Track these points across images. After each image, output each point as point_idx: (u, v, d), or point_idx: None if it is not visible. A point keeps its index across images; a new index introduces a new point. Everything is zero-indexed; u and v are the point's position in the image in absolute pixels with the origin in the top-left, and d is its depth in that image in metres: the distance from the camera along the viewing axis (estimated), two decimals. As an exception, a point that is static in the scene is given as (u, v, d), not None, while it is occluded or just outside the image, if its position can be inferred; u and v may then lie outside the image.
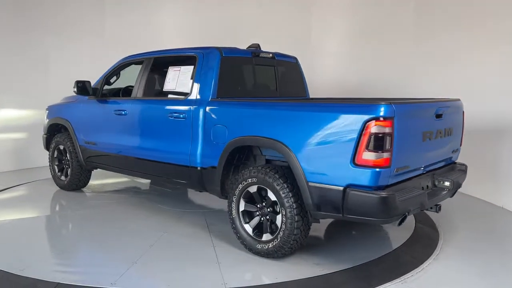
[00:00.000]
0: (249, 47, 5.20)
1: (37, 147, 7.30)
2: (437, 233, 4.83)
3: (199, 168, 4.55)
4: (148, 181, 7.14)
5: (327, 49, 8.13)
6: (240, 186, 4.14)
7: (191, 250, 4.31)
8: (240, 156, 4.38)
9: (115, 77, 5.91)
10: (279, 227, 3.89)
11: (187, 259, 4.09)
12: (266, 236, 4.04)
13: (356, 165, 3.39)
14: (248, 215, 4.21)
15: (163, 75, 5.12)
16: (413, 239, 4.63)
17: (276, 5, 8.10)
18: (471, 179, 4.77)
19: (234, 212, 4.23)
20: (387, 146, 3.32)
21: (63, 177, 6.50)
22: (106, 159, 5.73)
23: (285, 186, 3.82)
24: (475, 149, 5.76)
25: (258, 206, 4.12)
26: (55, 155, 6.55)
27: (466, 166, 4.59)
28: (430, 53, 6.92)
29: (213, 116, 4.40)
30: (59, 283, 3.52)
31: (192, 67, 4.74)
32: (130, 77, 6.01)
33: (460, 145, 4.58)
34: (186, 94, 4.71)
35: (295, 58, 5.60)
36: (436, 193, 4.03)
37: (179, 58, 5.06)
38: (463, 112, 4.57)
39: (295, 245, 3.90)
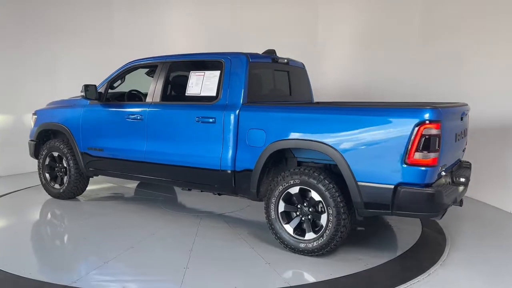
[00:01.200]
0: (264, 52, 5.33)
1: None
2: (444, 239, 4.81)
3: (230, 171, 4.63)
4: (136, 185, 7.07)
5: (334, 53, 8.27)
6: (281, 187, 4.29)
7: (233, 252, 4.37)
8: (274, 159, 4.52)
9: (119, 81, 5.77)
10: (324, 226, 4.09)
11: (234, 260, 4.16)
12: (309, 235, 4.21)
13: (407, 165, 3.67)
14: (286, 216, 4.37)
15: (183, 79, 5.11)
16: (419, 245, 4.64)
17: (283, 9, 8.21)
18: (479, 184, 5.03)
19: (273, 213, 4.36)
20: (436, 146, 3.65)
21: (57, 185, 6.19)
22: (115, 165, 5.56)
23: (331, 186, 4.03)
24: (483, 154, 5.85)
25: (298, 206, 4.29)
26: (47, 163, 6.22)
27: (470, 164, 5.08)
28: (437, 56, 6.93)
29: (248, 120, 4.49)
30: (66, 285, 3.53)
31: (219, 72, 4.80)
32: (134, 81, 5.94)
33: (466, 144, 5.07)
34: (212, 99, 4.75)
35: (303, 64, 5.83)
36: (457, 188, 4.45)
37: (201, 63, 5.09)
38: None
39: (339, 242, 4.12)
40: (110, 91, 5.73)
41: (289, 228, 4.32)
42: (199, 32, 8.60)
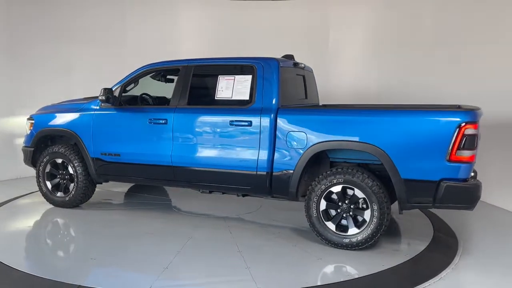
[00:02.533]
0: (283, 57, 5.51)
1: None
2: (456, 242, 4.84)
3: (267, 173, 4.76)
4: (127, 189, 6.92)
5: (345, 55, 8.38)
6: (323, 187, 4.51)
7: (282, 251, 4.51)
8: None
9: (132, 85, 5.65)
10: (368, 221, 4.37)
11: (288, 258, 4.33)
12: (352, 230, 4.47)
13: (450, 161, 4.06)
14: (326, 214, 4.59)
15: (210, 83, 5.16)
16: (431, 248, 4.65)
17: (295, 12, 8.32)
18: (492, 187, 5.10)
19: (315, 212, 4.57)
20: (475, 144, 4.08)
21: (60, 194, 5.90)
22: (133, 170, 5.43)
23: (375, 183, 4.32)
24: (494, 157, 5.91)
25: (340, 204, 4.53)
26: (47, 170, 5.91)
27: None
28: (449, 59, 6.97)
29: (288, 123, 4.65)
30: (80, 285, 3.57)
31: (250, 76, 4.91)
32: (143, 85, 5.84)
33: None
34: (246, 102, 4.86)
35: (311, 68, 6.09)
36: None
37: (230, 67, 5.15)
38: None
39: (380, 235, 4.43)
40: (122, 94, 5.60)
41: (331, 225, 4.55)
42: (210, 35, 8.59)
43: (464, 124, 4.01)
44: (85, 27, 8.46)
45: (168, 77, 6.06)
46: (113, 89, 5.50)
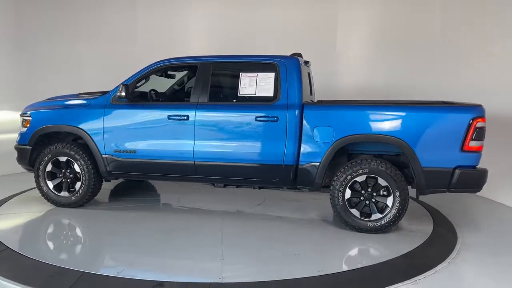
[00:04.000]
0: (292, 55, 5.79)
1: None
2: (456, 237, 4.92)
3: (293, 165, 5.04)
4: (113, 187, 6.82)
5: (351, 53, 8.51)
6: (349, 177, 4.89)
7: (322, 238, 4.86)
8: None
9: (143, 81, 5.59)
10: (390, 206, 4.84)
11: (331, 244, 4.69)
12: (375, 216, 4.91)
13: (463, 151, 4.65)
14: (349, 202, 4.99)
15: (231, 80, 5.30)
16: (429, 242, 4.74)
17: (302, 10, 8.42)
18: (493, 183, 5.16)
19: (340, 200, 4.94)
20: (483, 136, 4.69)
21: (63, 193, 5.66)
22: (151, 166, 5.40)
23: (397, 172, 4.80)
24: (495, 153, 5.83)
25: (363, 192, 4.95)
26: (49, 169, 5.64)
27: None
28: (454, 56, 7.06)
29: (314, 118, 4.96)
30: (84, 272, 3.79)
31: (273, 73, 5.13)
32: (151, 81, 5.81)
33: None
34: (271, 99, 5.08)
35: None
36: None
37: (251, 64, 5.29)
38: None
39: (400, 220, 4.92)
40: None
41: (355, 212, 4.95)
42: (217, 33, 8.57)
43: (475, 118, 4.61)
44: (94, 24, 8.59)
45: (169, 72, 6.08)
46: (121, 85, 5.41)
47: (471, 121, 4.60)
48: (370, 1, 8.31)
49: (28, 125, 5.70)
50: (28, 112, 5.77)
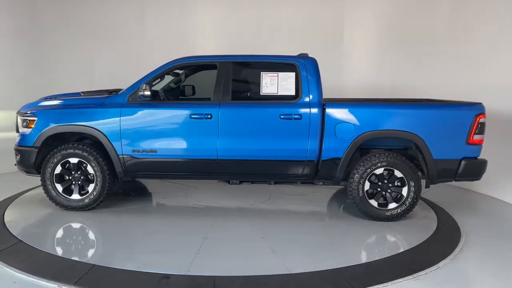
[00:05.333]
0: (298, 55, 6.04)
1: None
2: (459, 235, 4.98)
3: (316, 161, 5.30)
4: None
5: (358, 52, 8.66)
6: (369, 170, 5.26)
7: (348, 230, 5.12)
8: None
9: (158, 80, 5.55)
10: (405, 196, 5.28)
11: (359, 237, 4.96)
12: (392, 205, 5.33)
13: (469, 144, 5.21)
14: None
15: (252, 79, 5.43)
16: (432, 239, 4.81)
17: (309, 9, 8.52)
18: (498, 181, 5.59)
19: (361, 192, 5.30)
20: (484, 130, 5.29)
21: (74, 196, 5.44)
22: (172, 165, 5.38)
23: (412, 165, 5.25)
24: (499, 151, 6.07)
25: (380, 184, 5.34)
26: (57, 172, 5.39)
27: None
28: (461, 56, 7.12)
29: (336, 115, 5.25)
30: (94, 264, 3.99)
31: (294, 73, 5.35)
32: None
33: None
34: (293, 97, 5.29)
35: None
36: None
37: (271, 64, 5.45)
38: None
39: (414, 208, 5.38)
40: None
41: (373, 202, 5.34)
42: (226, 32, 8.54)
43: (478, 114, 5.19)
44: (103, 22, 8.72)
45: (176, 71, 6.06)
46: (143, 83, 5.34)
47: (475, 116, 5.18)
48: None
49: (33, 125, 5.39)
50: (32, 112, 5.45)
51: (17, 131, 5.71)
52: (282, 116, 5.25)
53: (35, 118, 5.39)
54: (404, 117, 5.26)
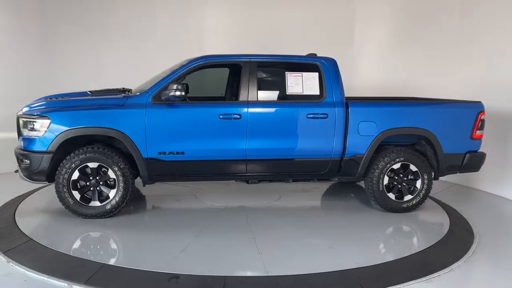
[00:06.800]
0: (308, 55, 6.18)
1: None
2: (472, 237, 4.92)
3: (340, 158, 5.50)
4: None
5: (369, 51, 8.70)
6: (388, 165, 5.58)
7: (376, 226, 5.34)
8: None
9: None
10: (419, 188, 5.68)
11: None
12: (407, 197, 5.70)
13: (472, 139, 5.75)
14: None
15: (275, 79, 5.48)
16: (445, 241, 4.73)
17: (319, 6, 8.47)
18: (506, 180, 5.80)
19: (381, 186, 5.60)
20: (484, 126, 5.86)
21: (94, 203, 5.09)
22: (200, 167, 5.25)
23: (425, 159, 5.67)
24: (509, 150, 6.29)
25: (396, 178, 5.69)
26: (74, 178, 5.00)
27: None
28: (469, 56, 7.26)
29: (359, 114, 5.47)
30: (105, 263, 4.02)
31: (317, 73, 5.49)
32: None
33: None
34: (318, 97, 5.43)
35: None
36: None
37: (295, 64, 5.52)
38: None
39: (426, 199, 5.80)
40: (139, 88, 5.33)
41: (391, 195, 5.68)
42: (237, 32, 8.34)
43: (480, 112, 5.74)
44: (115, 21, 8.70)
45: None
46: (165, 83, 5.14)
47: (478, 114, 5.73)
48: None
49: (46, 128, 4.93)
50: (43, 113, 4.97)
51: (19, 134, 5.20)
52: (309, 116, 5.37)
53: (48, 120, 4.93)
54: (419, 115, 5.65)
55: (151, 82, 5.66)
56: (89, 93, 5.65)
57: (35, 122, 4.98)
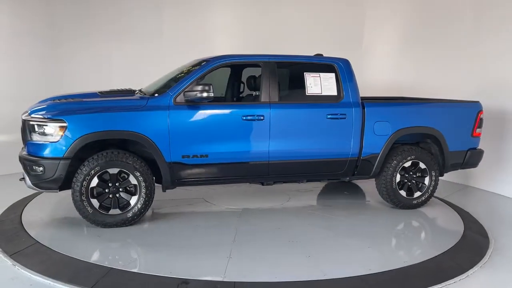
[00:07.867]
0: (315, 55, 6.21)
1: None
2: (487, 241, 4.79)
3: (357, 158, 5.60)
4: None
5: (378, 51, 8.64)
6: (400, 163, 5.76)
7: (392, 224, 5.50)
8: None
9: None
10: (427, 185, 5.92)
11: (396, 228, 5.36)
12: (416, 194, 5.91)
13: (473, 136, 6.08)
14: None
15: (295, 79, 5.47)
16: (460, 246, 4.61)
17: (329, 7, 8.35)
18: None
19: (394, 184, 5.77)
20: (483, 125, 6.20)
21: (114, 211, 4.79)
22: (223, 170, 5.12)
23: (433, 157, 5.92)
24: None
25: (406, 175, 5.89)
26: (94, 185, 4.68)
27: None
28: (477, 56, 7.33)
29: (375, 114, 5.60)
30: (112, 267, 3.93)
31: (333, 74, 5.54)
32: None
33: None
34: (336, 98, 5.48)
35: None
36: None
37: (312, 65, 5.53)
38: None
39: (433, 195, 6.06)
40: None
41: (403, 192, 5.86)
42: (245, 32, 8.12)
43: (480, 111, 6.09)
44: (123, 21, 8.64)
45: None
46: (186, 85, 4.96)
47: (478, 113, 6.07)
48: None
49: (62, 132, 4.56)
50: (58, 116, 4.59)
51: (25, 138, 4.78)
52: (329, 116, 5.41)
53: (64, 124, 4.57)
54: (428, 114, 5.89)
55: (161, 82, 5.47)
56: (99, 94, 5.31)
57: (46, 125, 4.60)
